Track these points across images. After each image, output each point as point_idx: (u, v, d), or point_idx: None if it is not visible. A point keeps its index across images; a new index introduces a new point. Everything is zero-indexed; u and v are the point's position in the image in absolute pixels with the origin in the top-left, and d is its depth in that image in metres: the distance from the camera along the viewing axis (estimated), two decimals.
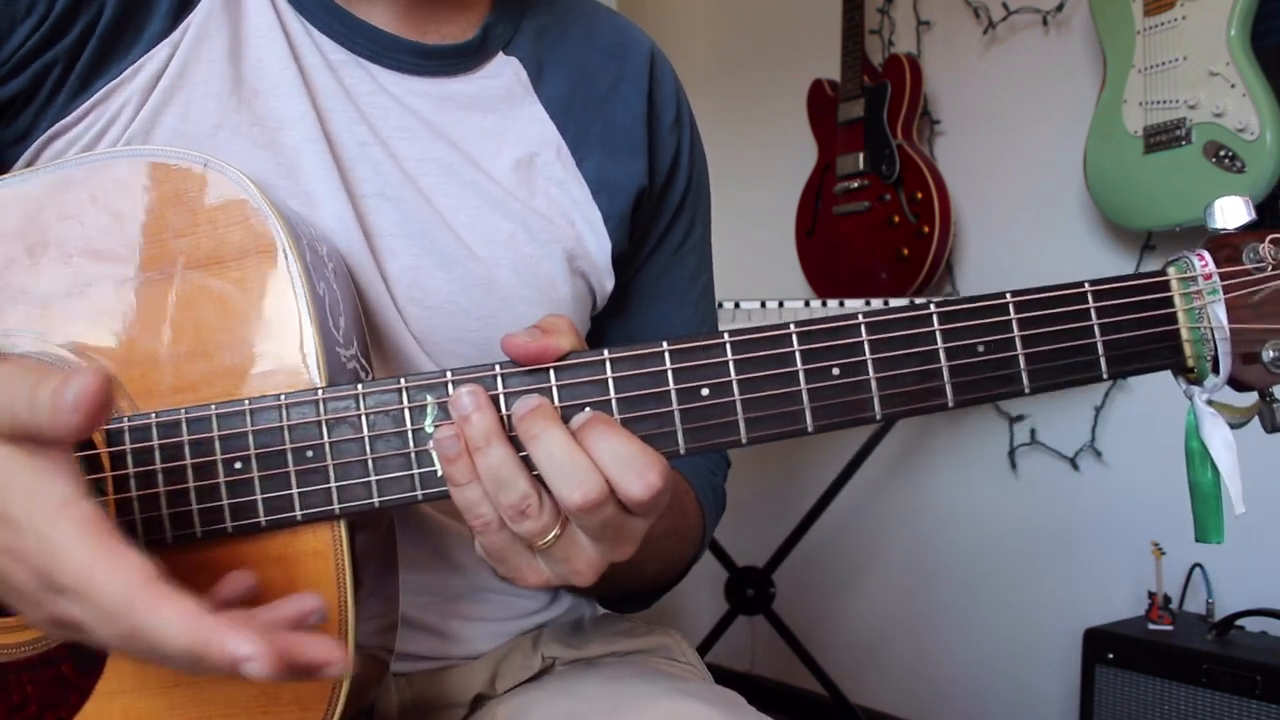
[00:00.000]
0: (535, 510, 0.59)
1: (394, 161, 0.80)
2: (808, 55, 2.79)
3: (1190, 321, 0.63)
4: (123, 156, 0.68)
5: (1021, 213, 2.44)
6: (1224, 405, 0.64)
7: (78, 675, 0.65)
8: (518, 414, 0.60)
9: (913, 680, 2.70)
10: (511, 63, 0.87)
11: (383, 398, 0.62)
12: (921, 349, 0.61)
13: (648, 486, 0.58)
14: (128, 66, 0.75)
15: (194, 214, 0.65)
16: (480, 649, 0.87)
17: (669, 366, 0.61)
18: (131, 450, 0.62)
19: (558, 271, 0.84)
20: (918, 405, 0.61)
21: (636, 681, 0.79)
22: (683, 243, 0.96)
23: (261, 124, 0.77)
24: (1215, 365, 0.63)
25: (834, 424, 0.61)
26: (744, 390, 0.60)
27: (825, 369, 0.61)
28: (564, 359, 0.61)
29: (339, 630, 0.62)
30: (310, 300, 0.64)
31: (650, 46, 0.94)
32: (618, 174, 0.88)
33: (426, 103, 0.82)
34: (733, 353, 0.61)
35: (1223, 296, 0.62)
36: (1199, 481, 0.65)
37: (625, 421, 0.60)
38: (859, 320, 0.61)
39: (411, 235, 0.79)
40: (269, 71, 0.78)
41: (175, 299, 0.65)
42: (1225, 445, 0.64)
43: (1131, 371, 0.62)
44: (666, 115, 0.93)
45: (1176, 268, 0.63)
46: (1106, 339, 0.62)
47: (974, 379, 0.61)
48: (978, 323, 0.61)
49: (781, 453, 2.93)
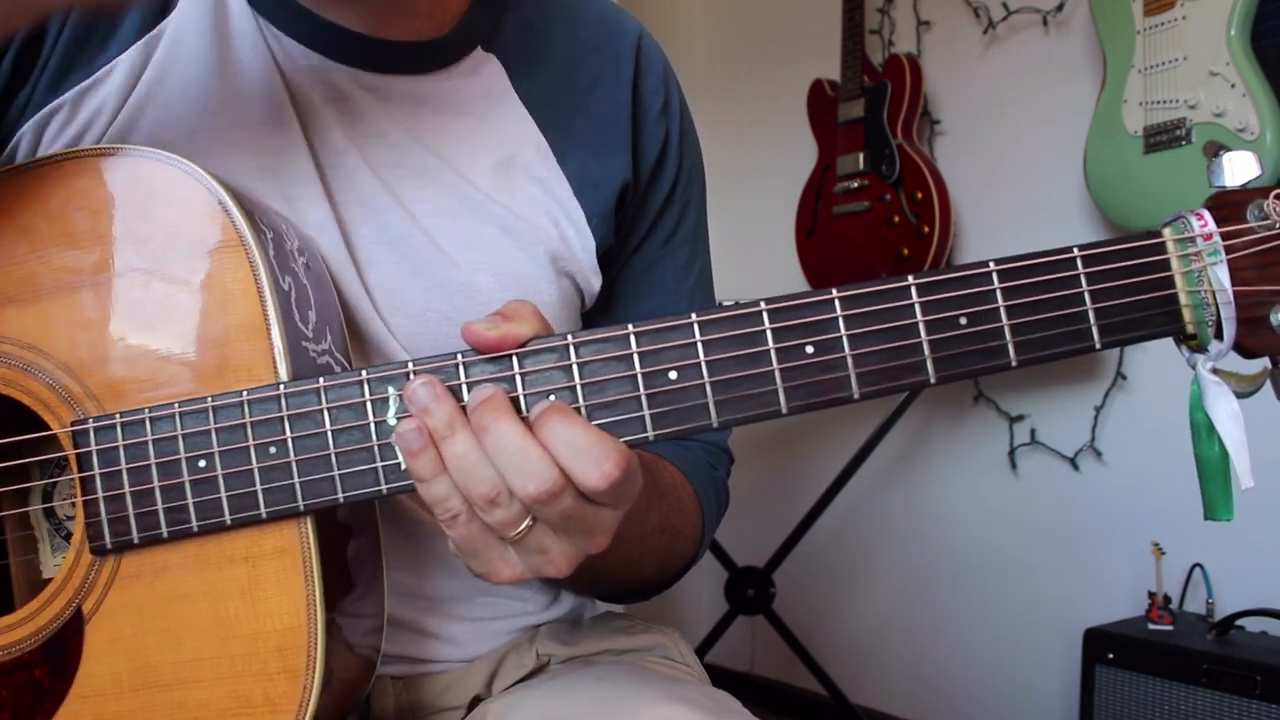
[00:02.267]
0: (505, 499, 0.58)
1: (369, 168, 0.79)
2: (808, 55, 2.78)
3: (1189, 285, 0.59)
4: (83, 157, 0.67)
5: (1021, 213, 2.43)
6: (1230, 373, 0.60)
7: (51, 680, 0.65)
8: (470, 406, 0.59)
9: (913, 680, 2.70)
10: (490, 60, 0.85)
11: (344, 391, 0.61)
12: (900, 323, 0.58)
13: (604, 476, 0.56)
14: (100, 67, 0.74)
15: (155, 211, 0.65)
16: (477, 652, 0.86)
17: (635, 350, 0.59)
18: (97, 451, 0.62)
19: (541, 274, 0.83)
20: (897, 382, 0.58)
21: (628, 683, 0.79)
22: (673, 234, 0.93)
23: (240, 125, 0.76)
24: (1218, 331, 0.59)
25: (810, 405, 0.59)
26: (713, 372, 0.58)
27: (798, 347, 0.58)
28: (526, 345, 0.60)
29: (309, 629, 0.62)
30: (274, 294, 0.63)
31: (637, 33, 0.92)
32: (600, 170, 0.86)
33: (400, 108, 0.81)
34: (701, 333, 0.59)
35: (1224, 257, 0.58)
36: (1205, 456, 0.61)
37: (591, 408, 0.59)
38: (833, 295, 0.58)
39: (388, 243, 0.79)
40: (250, 74, 0.77)
41: (137, 297, 0.65)
42: (1231, 417, 0.60)
43: (1126, 340, 0.59)
44: (653, 104, 0.90)
45: (1173, 229, 0.59)
46: (1098, 306, 0.58)
47: (957, 353, 0.58)
48: (959, 293, 0.58)
49: (782, 453, 2.92)
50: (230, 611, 0.63)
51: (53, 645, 0.65)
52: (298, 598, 0.62)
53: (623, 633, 0.91)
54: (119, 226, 0.66)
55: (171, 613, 0.64)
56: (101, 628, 0.63)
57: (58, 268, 0.66)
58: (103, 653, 0.64)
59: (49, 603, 0.65)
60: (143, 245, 0.65)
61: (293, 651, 0.62)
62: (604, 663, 0.87)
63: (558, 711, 0.75)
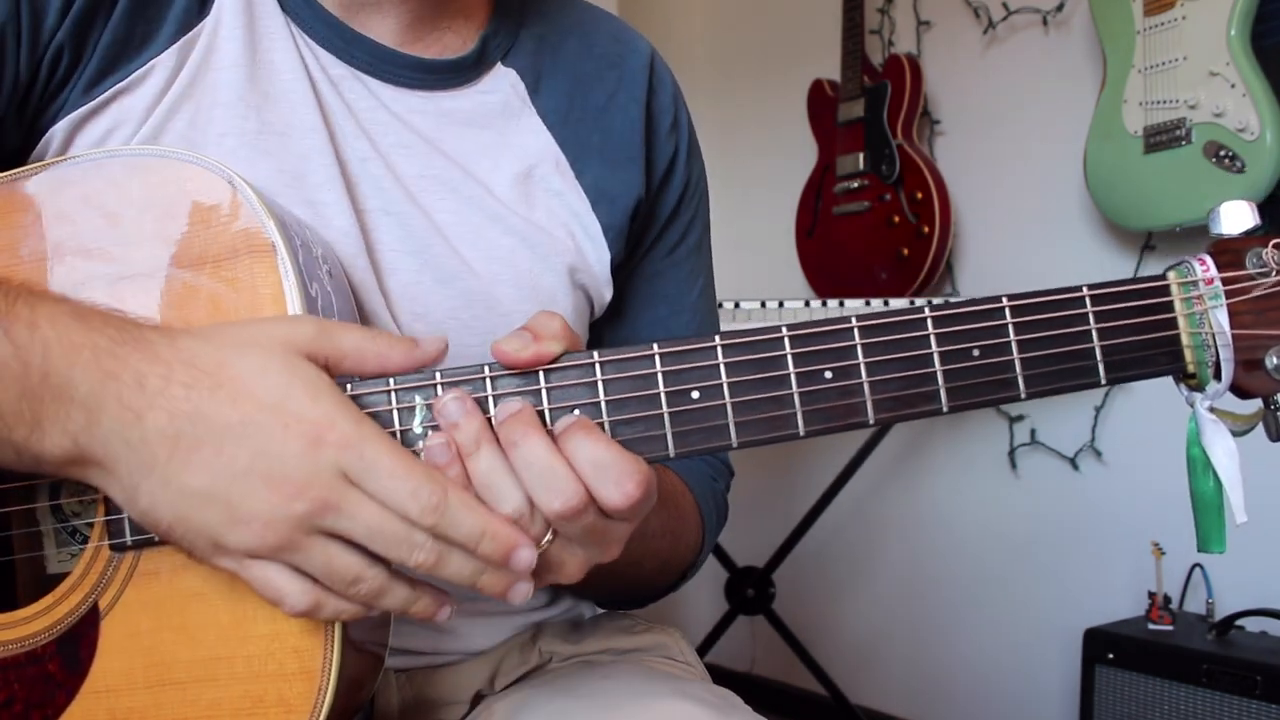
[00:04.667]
0: (529, 515, 0.58)
1: (394, 177, 0.80)
2: (808, 55, 2.79)
3: (1191, 327, 0.62)
4: (118, 156, 0.68)
5: (1021, 213, 2.44)
6: (1226, 412, 0.63)
7: (64, 674, 0.65)
8: (498, 418, 0.60)
9: (913, 680, 2.70)
10: (509, 74, 0.86)
11: (371, 399, 0.61)
12: (915, 353, 0.60)
13: (625, 496, 0.57)
14: (136, 69, 0.75)
15: (186, 214, 0.65)
16: (479, 645, 0.87)
17: (659, 370, 0.60)
18: None
19: (559, 285, 0.84)
20: (912, 410, 0.60)
21: (634, 680, 0.79)
22: (677, 246, 0.95)
23: (270, 130, 0.77)
24: (1217, 372, 0.62)
25: (826, 428, 0.60)
26: (734, 393, 0.60)
27: (817, 372, 0.60)
28: (555, 361, 0.61)
29: (326, 631, 0.63)
30: (302, 300, 0.63)
31: (649, 53, 0.94)
32: (615, 185, 0.88)
33: (425, 119, 0.82)
34: (724, 355, 0.60)
35: (1225, 302, 0.61)
36: (1201, 490, 0.64)
37: (614, 424, 0.60)
38: (852, 324, 0.60)
39: (412, 251, 0.80)
40: (281, 77, 0.78)
41: (167, 299, 0.65)
42: (1227, 453, 0.63)
43: (1131, 377, 0.61)
44: (663, 121, 0.92)
45: (1177, 272, 0.62)
46: (1105, 344, 0.61)
47: (969, 384, 0.60)
48: (973, 326, 0.60)
49: (782, 453, 2.92)
50: (248, 611, 0.63)
51: (67, 640, 0.65)
52: None
53: (625, 632, 0.92)
54: (149, 227, 0.66)
55: (189, 610, 0.64)
56: (117, 623, 0.63)
57: (88, 266, 0.66)
58: (118, 648, 0.64)
59: (64, 598, 0.65)
60: (172, 246, 0.65)
61: (309, 653, 0.62)
62: (606, 662, 0.88)
63: (568, 708, 0.75)
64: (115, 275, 0.65)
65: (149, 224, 0.66)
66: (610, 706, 0.73)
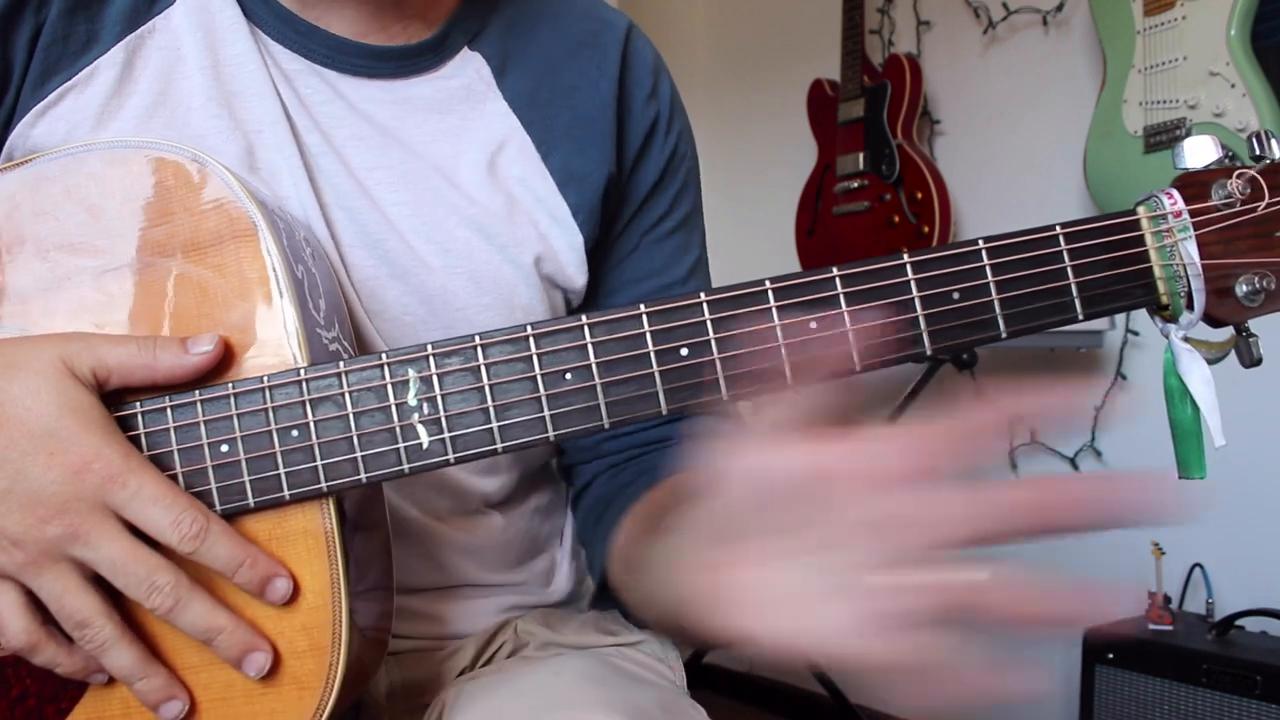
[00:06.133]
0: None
1: (347, 171, 0.79)
2: (808, 55, 2.79)
3: (1162, 259, 0.63)
4: (94, 149, 0.68)
5: (1022, 213, 2.44)
6: (1200, 341, 0.65)
7: None
8: None
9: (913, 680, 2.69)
10: (474, 59, 0.85)
11: (365, 374, 0.62)
12: (898, 299, 0.61)
13: None
14: (83, 67, 0.75)
15: (169, 202, 0.66)
16: (466, 629, 0.87)
17: (647, 329, 0.61)
18: None
19: (519, 277, 0.83)
20: (896, 355, 0.61)
21: (577, 683, 0.76)
22: (658, 223, 0.92)
23: (242, 128, 0.77)
24: (1189, 302, 0.63)
25: (814, 378, 0.61)
26: (722, 348, 0.61)
27: (803, 324, 0.61)
28: (540, 325, 0.61)
29: (333, 607, 0.63)
30: (289, 283, 0.64)
31: (625, 26, 0.91)
32: (584, 164, 0.86)
33: (383, 109, 0.82)
34: (709, 311, 0.61)
35: (1193, 233, 0.62)
36: (1179, 418, 0.65)
37: (606, 384, 0.61)
38: (833, 274, 0.61)
39: (366, 246, 0.79)
40: (243, 74, 0.78)
41: (154, 288, 0.65)
42: (1203, 380, 0.64)
43: (1106, 311, 0.63)
44: (639, 92, 0.90)
45: (1146, 207, 0.63)
46: (1080, 280, 0.62)
47: (950, 326, 0.61)
48: (952, 270, 0.61)
49: None
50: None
51: None
52: (322, 577, 0.62)
53: (606, 633, 0.90)
54: (131, 218, 0.66)
55: None
56: (127, 610, 0.63)
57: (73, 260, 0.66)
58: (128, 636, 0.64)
59: None
60: (156, 236, 0.66)
61: (319, 629, 0.63)
62: (569, 655, 0.86)
63: (500, 709, 0.74)
64: (101, 268, 0.65)
65: (131, 215, 0.66)
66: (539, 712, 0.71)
